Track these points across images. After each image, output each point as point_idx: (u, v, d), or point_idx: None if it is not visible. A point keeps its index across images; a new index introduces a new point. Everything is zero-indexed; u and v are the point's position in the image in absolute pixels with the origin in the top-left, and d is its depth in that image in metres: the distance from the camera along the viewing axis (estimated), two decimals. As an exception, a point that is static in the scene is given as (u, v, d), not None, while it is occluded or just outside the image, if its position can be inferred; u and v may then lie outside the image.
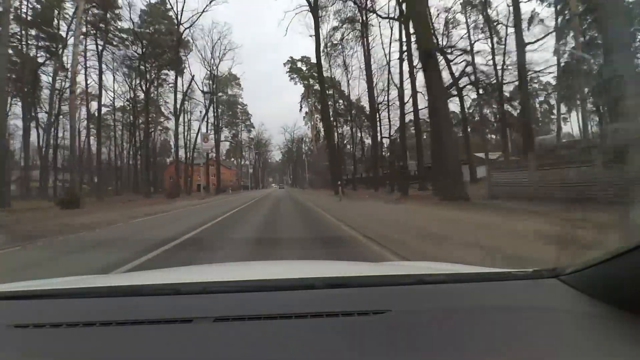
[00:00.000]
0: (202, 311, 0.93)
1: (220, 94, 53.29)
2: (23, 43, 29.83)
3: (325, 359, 0.75)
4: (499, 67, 24.78)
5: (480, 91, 26.34)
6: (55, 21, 30.66)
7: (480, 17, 26.05)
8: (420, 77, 22.18)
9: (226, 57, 52.42)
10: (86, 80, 34.23)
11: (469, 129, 30.64)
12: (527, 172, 11.43)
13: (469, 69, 25.49)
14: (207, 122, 45.33)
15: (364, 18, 30.67)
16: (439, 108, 13.12)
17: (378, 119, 32.19)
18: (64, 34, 30.42)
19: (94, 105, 37.85)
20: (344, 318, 0.89)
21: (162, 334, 0.87)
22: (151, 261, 4.83)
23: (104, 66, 33.96)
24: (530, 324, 0.85)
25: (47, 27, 30.34)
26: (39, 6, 30.09)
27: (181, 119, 43.75)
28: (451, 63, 25.36)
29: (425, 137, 27.53)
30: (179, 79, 38.71)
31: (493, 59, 25.02)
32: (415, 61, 23.85)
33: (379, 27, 33.32)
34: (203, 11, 36.90)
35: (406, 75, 26.53)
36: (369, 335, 0.82)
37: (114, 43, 34.27)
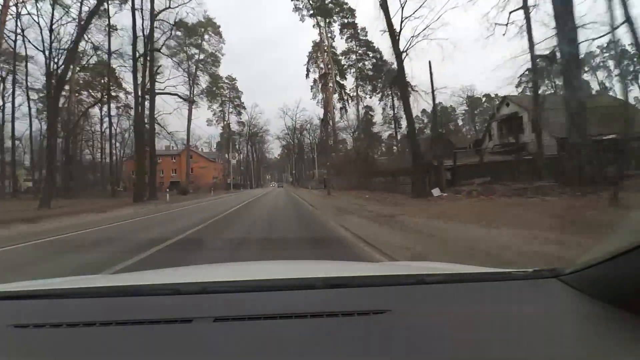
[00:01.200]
0: (202, 311, 0.93)
1: (194, 51, 37.82)
2: None
3: (325, 359, 0.75)
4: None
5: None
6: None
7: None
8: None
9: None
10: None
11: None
12: None
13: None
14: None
15: None
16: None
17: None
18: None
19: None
20: (344, 318, 0.89)
21: (162, 334, 0.87)
22: None
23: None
24: (530, 324, 0.85)
25: None
26: None
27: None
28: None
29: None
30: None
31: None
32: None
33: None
34: None
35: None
36: (369, 335, 0.82)
37: None
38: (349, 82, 41.32)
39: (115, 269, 4.47)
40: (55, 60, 26.76)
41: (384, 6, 16.94)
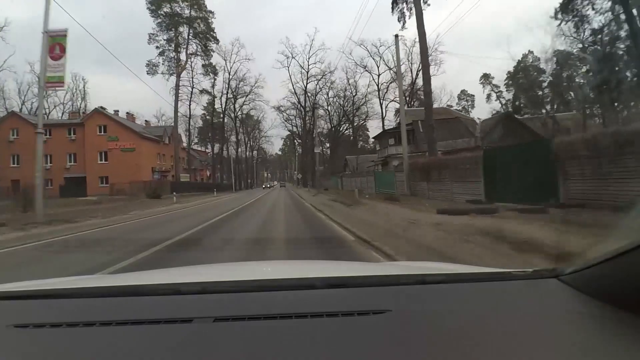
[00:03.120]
0: (202, 311, 0.93)
1: None
2: None
3: (325, 359, 0.75)
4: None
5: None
6: None
7: None
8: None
9: None
10: None
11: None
12: None
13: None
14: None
15: None
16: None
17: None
18: None
19: None
20: (344, 318, 0.89)
21: (162, 334, 0.86)
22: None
23: None
24: (530, 324, 0.85)
25: None
26: None
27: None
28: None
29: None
30: None
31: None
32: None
33: None
34: None
35: None
36: (369, 335, 0.82)
37: None
38: None
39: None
40: None
41: None
